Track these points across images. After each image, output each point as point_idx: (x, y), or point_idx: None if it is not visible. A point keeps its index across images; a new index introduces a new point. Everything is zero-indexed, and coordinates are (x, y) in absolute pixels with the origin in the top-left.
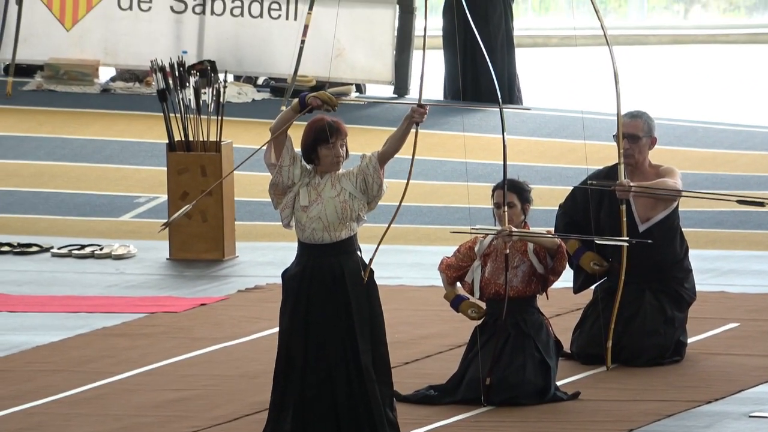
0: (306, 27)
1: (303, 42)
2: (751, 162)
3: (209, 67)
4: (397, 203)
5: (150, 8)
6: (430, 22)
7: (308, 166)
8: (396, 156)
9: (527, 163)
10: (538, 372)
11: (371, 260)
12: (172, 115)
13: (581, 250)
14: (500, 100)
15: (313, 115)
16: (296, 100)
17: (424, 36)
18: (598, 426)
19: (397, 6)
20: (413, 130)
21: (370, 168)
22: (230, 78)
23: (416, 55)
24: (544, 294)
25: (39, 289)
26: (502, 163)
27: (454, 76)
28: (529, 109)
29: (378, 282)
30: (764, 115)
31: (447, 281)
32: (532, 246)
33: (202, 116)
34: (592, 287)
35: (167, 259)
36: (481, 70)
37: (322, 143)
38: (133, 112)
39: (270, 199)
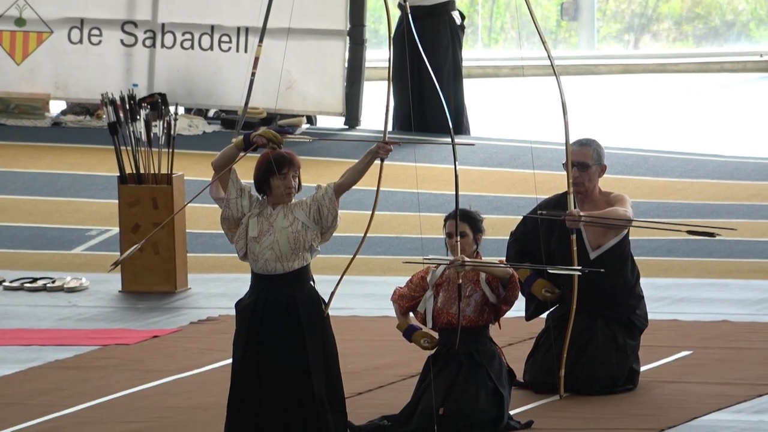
0: (256, 59)
1: (253, 74)
2: (701, 190)
3: (160, 100)
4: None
5: (100, 42)
6: (380, 54)
7: (260, 197)
8: (352, 187)
9: (478, 193)
10: (491, 401)
11: (332, 294)
12: (123, 148)
13: (533, 277)
14: (452, 131)
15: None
16: (240, 137)
17: (389, 70)
18: None
19: (348, 38)
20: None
21: (326, 199)
22: (181, 110)
23: (366, 87)
24: (497, 323)
25: None
26: (453, 193)
27: (401, 108)
28: (473, 144)
29: (331, 313)
30: (714, 143)
31: (400, 311)
32: (484, 276)
33: (153, 149)
34: (544, 315)
35: (119, 291)
36: (429, 101)
37: (273, 174)
38: (84, 146)
39: (224, 233)
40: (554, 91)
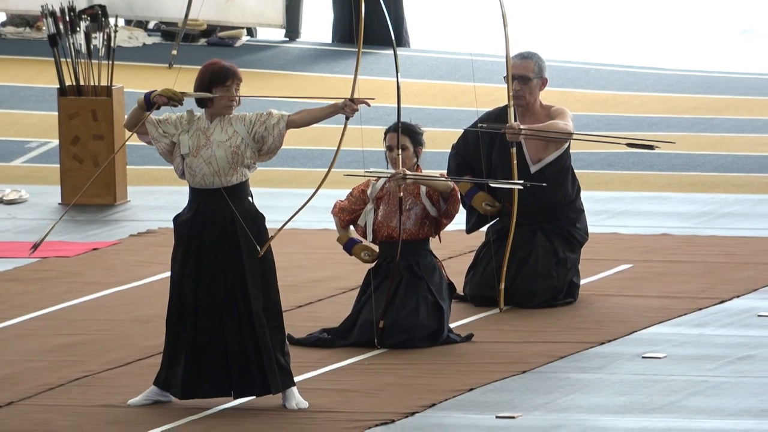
0: None
1: None
2: (642, 103)
3: (100, 12)
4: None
5: None
6: None
7: (184, 114)
8: None
9: (419, 106)
10: (431, 314)
11: (272, 237)
12: (63, 59)
13: (473, 191)
14: (394, 42)
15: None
16: (141, 98)
17: (360, 35)
18: (492, 368)
19: None
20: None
21: (276, 130)
22: (121, 22)
23: None
24: (437, 237)
25: None
26: (393, 106)
27: (341, 20)
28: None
29: (270, 226)
30: (655, 56)
31: (340, 224)
32: (425, 189)
33: (93, 61)
34: (485, 228)
35: (59, 203)
36: (368, 13)
37: (217, 85)
38: (23, 57)
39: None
40: (495, 3)
